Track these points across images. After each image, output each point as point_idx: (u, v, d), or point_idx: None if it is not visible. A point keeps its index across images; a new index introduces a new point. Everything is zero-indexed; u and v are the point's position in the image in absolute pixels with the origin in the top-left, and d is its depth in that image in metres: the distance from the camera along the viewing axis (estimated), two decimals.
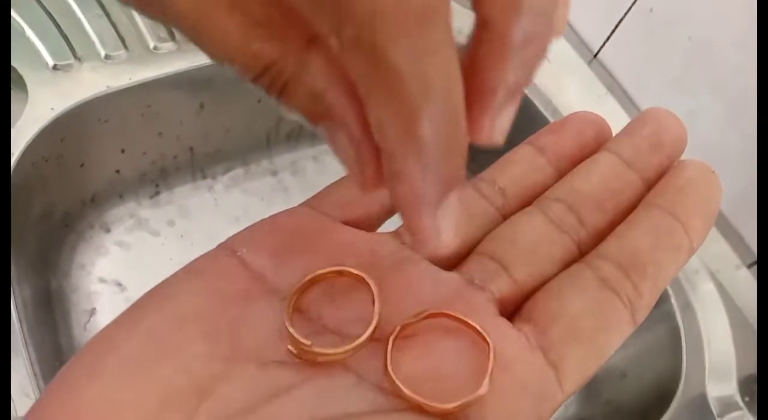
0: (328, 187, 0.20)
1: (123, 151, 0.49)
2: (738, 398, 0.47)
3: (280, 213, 0.19)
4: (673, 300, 0.50)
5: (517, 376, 0.17)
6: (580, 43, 0.56)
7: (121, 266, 0.49)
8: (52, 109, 0.42)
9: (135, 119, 0.47)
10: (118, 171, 0.50)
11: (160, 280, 0.17)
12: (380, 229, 0.21)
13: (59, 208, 0.47)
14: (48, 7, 0.45)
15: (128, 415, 0.14)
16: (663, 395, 0.48)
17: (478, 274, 0.19)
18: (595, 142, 0.21)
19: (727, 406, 0.47)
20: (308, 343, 0.16)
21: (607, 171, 0.20)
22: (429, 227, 0.14)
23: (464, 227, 0.20)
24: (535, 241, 0.19)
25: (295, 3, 0.13)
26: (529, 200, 0.21)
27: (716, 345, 0.49)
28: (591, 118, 0.22)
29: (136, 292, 0.17)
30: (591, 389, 0.54)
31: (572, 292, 0.18)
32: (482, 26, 0.14)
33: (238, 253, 0.18)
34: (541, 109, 0.52)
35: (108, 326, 0.16)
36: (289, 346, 0.16)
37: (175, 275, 0.17)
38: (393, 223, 0.19)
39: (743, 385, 0.48)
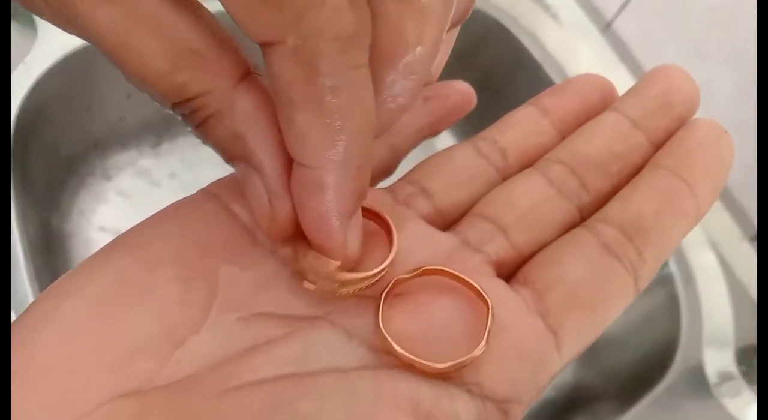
0: None
1: (128, 97, 0.48)
2: (734, 368, 0.47)
3: None
4: (673, 269, 0.51)
5: (515, 340, 0.16)
6: (593, 10, 0.56)
7: (120, 215, 0.49)
8: (62, 46, 0.41)
9: None
10: (121, 118, 0.49)
11: None
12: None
13: (63, 151, 0.47)
14: None
15: (88, 361, 0.13)
16: (660, 363, 0.48)
17: (474, 235, 0.18)
18: (601, 104, 0.21)
19: (724, 375, 0.47)
20: (337, 263, 0.15)
21: (612, 132, 0.19)
22: (340, 239, 0.14)
23: (464, 186, 0.19)
24: (534, 204, 0.18)
25: (241, 13, 0.12)
26: (529, 162, 0.20)
27: (715, 315, 0.49)
28: (597, 81, 0.21)
29: None
30: (588, 355, 0.54)
31: (573, 256, 0.17)
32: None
33: (221, 198, 0.16)
34: (551, 74, 0.52)
35: (73, 269, 0.15)
36: (306, 282, 0.15)
37: (151, 218, 0.16)
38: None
39: (740, 356, 0.48)
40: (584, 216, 0.19)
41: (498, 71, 0.55)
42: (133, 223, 0.16)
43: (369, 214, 0.17)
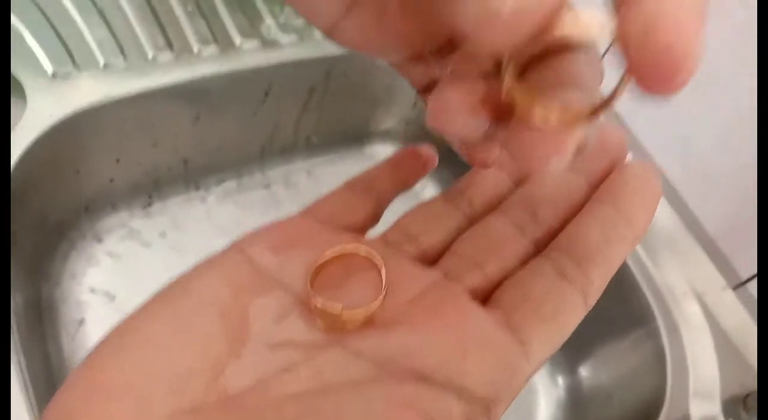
0: (318, 199, 0.23)
1: (118, 161, 0.49)
2: (722, 419, 0.48)
3: (279, 220, 0.22)
4: (659, 321, 0.51)
5: (493, 351, 0.19)
6: None
7: (111, 277, 0.49)
8: (51, 116, 0.42)
9: (131, 129, 0.47)
10: (112, 180, 0.50)
11: (150, 292, 0.19)
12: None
13: (53, 216, 0.47)
14: (48, 14, 0.45)
15: (152, 386, 0.16)
16: (648, 416, 0.48)
17: (453, 269, 0.21)
18: None
19: None
20: (339, 305, 0.18)
21: (558, 178, 0.23)
22: (695, 40, 0.13)
23: (441, 230, 0.23)
24: (500, 241, 0.22)
25: None
26: (491, 207, 0.24)
27: (701, 366, 0.49)
28: None
29: (126, 303, 0.17)
30: (577, 408, 0.54)
31: (534, 281, 0.21)
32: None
33: (246, 252, 0.20)
34: None
35: (132, 313, 0.18)
36: (319, 319, 0.19)
37: (191, 270, 0.19)
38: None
39: (727, 407, 0.48)
40: (539, 247, 0.22)
41: None
42: (124, 283, 0.18)
43: (363, 259, 0.20)
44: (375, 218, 0.23)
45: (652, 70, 0.14)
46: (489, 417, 0.19)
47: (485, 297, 0.21)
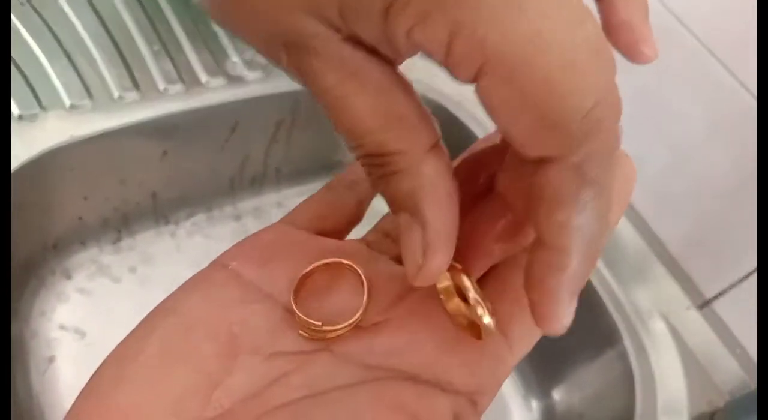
0: (300, 204, 0.23)
1: (86, 198, 0.50)
2: None
3: (260, 230, 0.22)
4: (626, 342, 0.52)
5: (476, 344, 0.19)
6: None
7: (82, 313, 0.49)
8: (16, 157, 0.42)
9: (98, 167, 0.48)
10: (80, 218, 0.51)
11: (121, 328, 0.19)
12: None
13: (21, 254, 0.47)
14: (14, 56, 0.46)
15: (151, 409, 0.17)
16: None
17: None
18: None
19: None
20: (319, 323, 0.19)
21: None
22: (564, 313, 0.17)
23: None
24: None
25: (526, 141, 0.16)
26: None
27: (668, 385, 0.50)
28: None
29: (96, 340, 0.18)
30: None
31: (514, 273, 0.20)
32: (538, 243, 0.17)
33: (230, 267, 0.20)
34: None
35: (124, 339, 0.19)
36: (301, 331, 0.19)
37: (176, 291, 0.20)
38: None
39: None
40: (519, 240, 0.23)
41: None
42: (95, 319, 0.19)
43: (346, 267, 0.21)
44: (358, 217, 0.23)
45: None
46: (475, 410, 0.19)
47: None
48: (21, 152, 0.42)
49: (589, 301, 0.54)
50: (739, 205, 0.52)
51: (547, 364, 0.58)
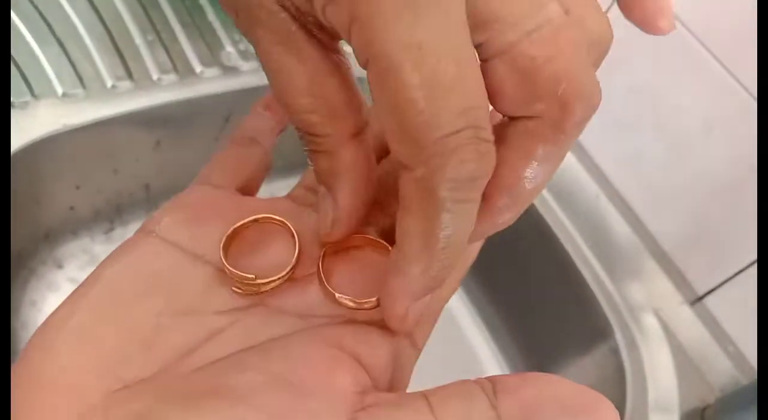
0: (209, 163, 0.23)
1: (78, 188, 0.49)
2: None
3: (181, 193, 0.22)
4: (618, 337, 0.52)
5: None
6: None
7: None
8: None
9: (91, 156, 0.48)
10: (72, 207, 0.50)
11: None
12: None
13: (12, 244, 0.47)
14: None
15: (88, 374, 0.17)
16: None
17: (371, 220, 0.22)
18: None
19: None
20: (252, 276, 0.19)
21: None
22: (401, 315, 0.18)
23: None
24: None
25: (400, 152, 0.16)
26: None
27: (659, 380, 0.50)
28: None
29: None
30: None
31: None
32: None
33: (155, 233, 0.20)
34: None
35: (53, 311, 0.18)
36: (234, 288, 0.19)
37: (104, 260, 0.20)
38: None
39: (686, 419, 0.49)
40: None
41: None
42: None
43: (277, 221, 0.21)
44: (267, 165, 0.24)
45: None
46: (416, 347, 0.21)
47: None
48: (12, 141, 0.42)
49: (581, 295, 0.54)
50: (732, 202, 0.52)
51: (538, 358, 0.58)
